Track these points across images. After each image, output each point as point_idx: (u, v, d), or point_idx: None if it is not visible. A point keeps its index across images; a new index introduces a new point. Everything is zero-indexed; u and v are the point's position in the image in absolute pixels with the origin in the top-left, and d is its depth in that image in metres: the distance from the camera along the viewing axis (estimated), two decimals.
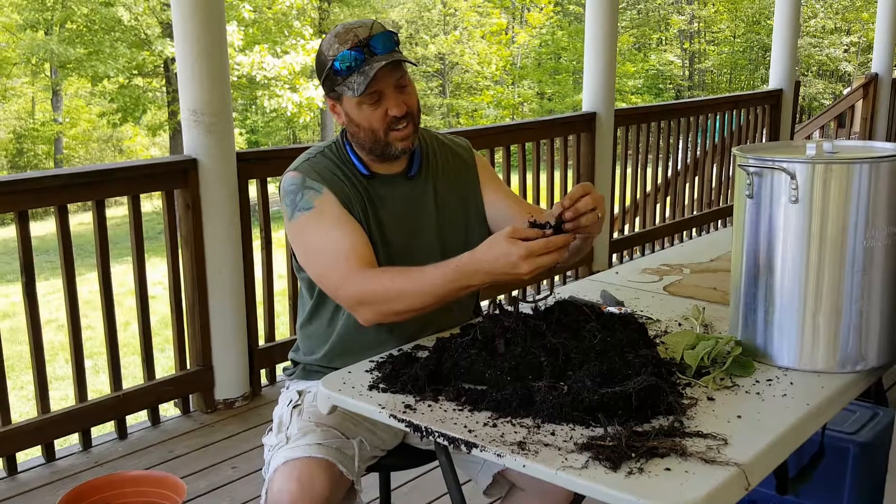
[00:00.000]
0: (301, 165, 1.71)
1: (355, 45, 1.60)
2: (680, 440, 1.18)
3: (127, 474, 2.37)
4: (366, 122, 1.64)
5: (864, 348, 1.45)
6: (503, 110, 21.00)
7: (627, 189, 5.19)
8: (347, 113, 1.67)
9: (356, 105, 1.64)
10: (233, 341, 3.26)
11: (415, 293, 1.53)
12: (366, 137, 1.66)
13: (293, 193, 1.68)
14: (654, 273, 2.13)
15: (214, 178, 3.13)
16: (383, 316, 1.58)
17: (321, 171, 1.69)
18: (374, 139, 1.66)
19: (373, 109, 1.63)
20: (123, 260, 4.34)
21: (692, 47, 24.54)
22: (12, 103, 19.20)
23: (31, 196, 2.79)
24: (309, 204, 1.65)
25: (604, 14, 4.68)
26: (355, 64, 1.59)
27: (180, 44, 3.09)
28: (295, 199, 1.67)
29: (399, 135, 1.65)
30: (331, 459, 1.51)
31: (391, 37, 1.63)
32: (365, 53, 1.60)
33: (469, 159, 1.85)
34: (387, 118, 1.64)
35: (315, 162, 1.71)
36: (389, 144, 1.66)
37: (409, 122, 1.66)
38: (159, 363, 3.23)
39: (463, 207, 1.79)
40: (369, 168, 1.72)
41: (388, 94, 1.63)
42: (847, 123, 7.56)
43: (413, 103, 1.67)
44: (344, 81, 1.62)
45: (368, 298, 1.57)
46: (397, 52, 1.63)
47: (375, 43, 1.60)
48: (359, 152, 1.72)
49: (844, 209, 1.39)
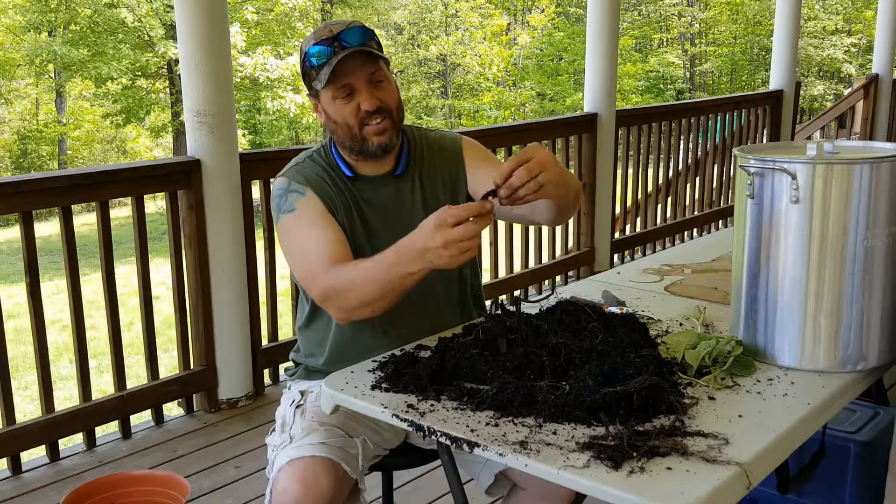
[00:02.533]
0: (288, 171, 1.73)
1: (327, 39, 1.62)
2: (681, 439, 1.19)
3: (131, 474, 2.37)
4: (340, 116, 1.66)
5: (864, 348, 1.45)
6: (504, 111, 21.00)
7: (629, 189, 5.19)
8: (325, 109, 1.69)
9: (331, 100, 1.66)
10: (236, 341, 3.27)
11: (364, 282, 1.51)
12: (343, 134, 1.68)
13: (278, 198, 1.70)
14: (655, 273, 2.13)
15: (218, 178, 3.14)
16: (346, 311, 1.56)
17: (307, 174, 1.70)
18: (351, 135, 1.67)
19: (345, 103, 1.65)
20: (127, 260, 4.36)
21: (693, 49, 24.52)
22: (16, 105, 19.23)
23: (35, 197, 2.80)
24: (291, 206, 1.67)
25: (605, 15, 4.68)
26: (325, 57, 1.62)
27: (184, 45, 3.10)
28: (279, 203, 1.70)
29: (373, 129, 1.65)
30: (335, 459, 1.51)
31: (365, 32, 1.64)
32: (334, 46, 1.61)
33: (456, 150, 1.82)
34: (359, 112, 1.64)
35: (302, 167, 1.73)
36: (365, 140, 1.67)
37: (386, 117, 1.66)
38: (163, 363, 3.24)
39: (452, 198, 1.78)
40: (354, 170, 1.73)
41: (360, 89, 1.64)
42: (848, 124, 7.55)
43: (388, 98, 1.67)
44: (317, 76, 1.64)
45: (330, 294, 1.57)
46: (369, 45, 1.64)
47: (346, 36, 1.62)
48: (342, 153, 1.74)
49: (845, 209, 1.40)
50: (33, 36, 16.93)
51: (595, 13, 4.71)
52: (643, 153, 5.21)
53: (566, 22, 22.62)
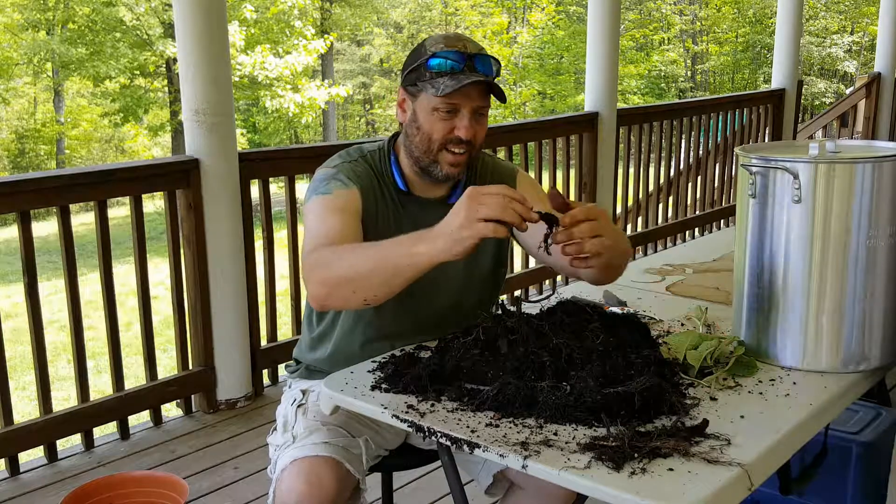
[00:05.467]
0: (341, 165, 1.65)
1: (461, 53, 1.57)
2: (683, 440, 1.18)
3: (129, 475, 2.37)
4: (429, 127, 1.59)
5: (867, 348, 1.45)
6: (505, 110, 21.00)
7: (630, 189, 5.19)
8: (416, 111, 1.61)
9: (430, 109, 1.58)
10: (235, 341, 3.27)
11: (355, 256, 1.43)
12: (420, 142, 1.61)
13: (320, 181, 1.62)
14: (656, 273, 2.13)
15: (216, 178, 3.13)
16: (327, 285, 1.43)
17: (359, 174, 1.64)
18: (427, 149, 1.60)
19: (442, 120, 1.58)
20: (125, 260, 4.35)
21: (694, 48, 24.52)
22: (14, 104, 19.21)
23: (33, 196, 2.80)
24: (329, 190, 1.60)
25: (606, 14, 4.68)
26: (452, 67, 1.55)
27: (182, 44, 3.09)
28: (317, 186, 1.62)
29: (451, 158, 1.60)
30: (338, 458, 1.51)
31: (494, 63, 1.60)
32: (466, 63, 1.56)
33: (511, 185, 1.74)
34: (450, 134, 1.59)
35: (354, 166, 1.66)
36: (437, 163, 1.61)
37: (468, 150, 1.61)
38: (161, 363, 3.23)
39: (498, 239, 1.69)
40: (409, 185, 1.67)
41: (464, 115, 1.58)
42: (850, 123, 7.55)
43: (481, 136, 1.62)
44: (432, 78, 1.57)
45: (316, 264, 1.46)
46: (496, 80, 1.60)
47: (479, 61, 1.57)
48: (403, 162, 1.67)
49: (847, 209, 1.39)
50: (31, 34, 16.91)
51: (596, 12, 4.70)
52: (644, 152, 5.21)
53: (568, 21, 22.61)
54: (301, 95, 15.08)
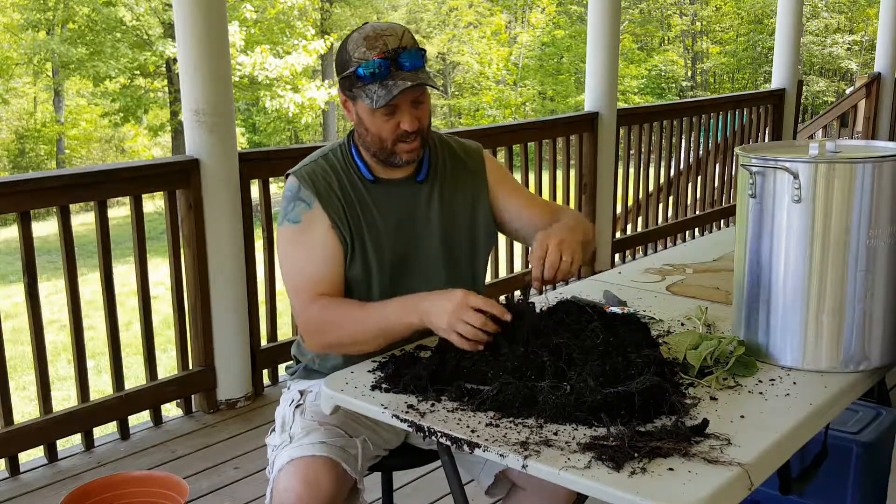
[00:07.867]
0: (300, 170, 1.70)
1: (383, 55, 1.57)
2: (683, 440, 1.18)
3: (129, 475, 2.37)
4: (375, 129, 1.63)
5: (867, 348, 1.45)
6: (505, 110, 20.99)
7: (630, 189, 5.19)
8: (359, 115, 1.65)
9: (370, 112, 1.62)
10: (235, 341, 3.26)
11: (355, 320, 1.58)
12: (372, 142, 1.66)
13: (287, 200, 1.70)
14: (656, 273, 2.12)
15: (216, 178, 3.13)
16: (327, 347, 1.65)
17: (318, 180, 1.67)
18: (381, 147, 1.65)
19: (385, 120, 1.62)
20: (125, 260, 4.34)
21: (695, 47, 24.52)
22: (14, 104, 19.21)
23: (33, 196, 2.79)
24: (297, 217, 1.66)
25: (606, 14, 4.67)
26: (379, 73, 1.56)
27: (182, 44, 3.09)
28: (287, 208, 1.69)
29: (406, 147, 1.65)
30: (335, 458, 1.51)
31: (420, 54, 1.61)
32: (391, 66, 1.57)
33: (478, 162, 1.82)
34: (397, 130, 1.62)
35: (315, 167, 1.70)
36: (395, 154, 1.66)
37: (419, 136, 1.65)
38: (161, 363, 3.23)
39: (471, 212, 1.78)
40: (374, 173, 1.71)
41: (404, 109, 1.61)
42: (850, 123, 7.54)
43: (425, 119, 1.67)
44: (364, 87, 1.59)
45: (317, 328, 1.62)
46: (423, 71, 1.61)
47: (404, 58, 1.58)
48: (364, 155, 1.71)
49: (847, 209, 1.39)
50: (31, 34, 16.90)
51: (596, 12, 4.70)
52: (644, 152, 5.20)
53: (568, 21, 22.61)
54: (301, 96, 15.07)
